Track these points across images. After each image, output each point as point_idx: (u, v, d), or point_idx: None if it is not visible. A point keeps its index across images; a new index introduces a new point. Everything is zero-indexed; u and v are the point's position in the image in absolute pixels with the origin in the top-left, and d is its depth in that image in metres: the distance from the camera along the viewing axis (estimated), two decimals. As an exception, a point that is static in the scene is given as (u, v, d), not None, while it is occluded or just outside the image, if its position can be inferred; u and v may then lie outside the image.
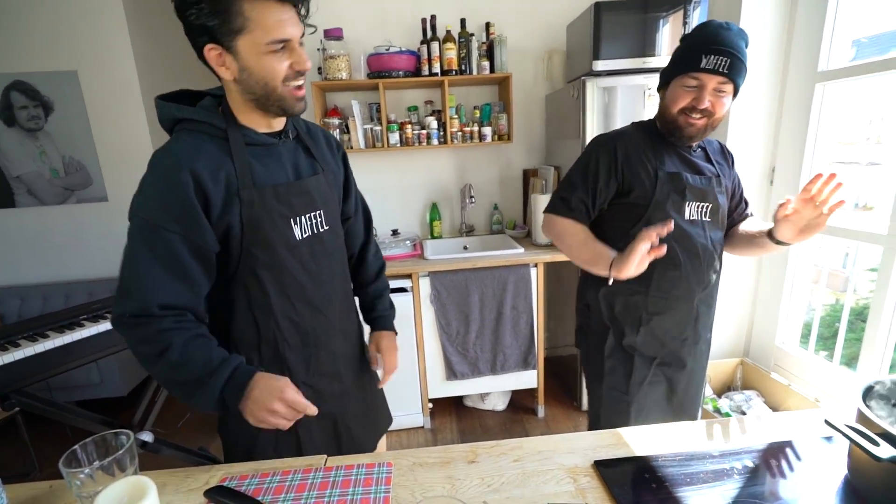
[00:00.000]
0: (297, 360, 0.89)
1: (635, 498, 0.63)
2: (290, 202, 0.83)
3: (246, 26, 0.70)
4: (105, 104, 2.73)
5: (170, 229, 0.72)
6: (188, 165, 0.73)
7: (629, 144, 1.07)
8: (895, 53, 1.49)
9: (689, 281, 1.07)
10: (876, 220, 1.59)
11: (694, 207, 1.06)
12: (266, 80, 0.75)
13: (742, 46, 0.96)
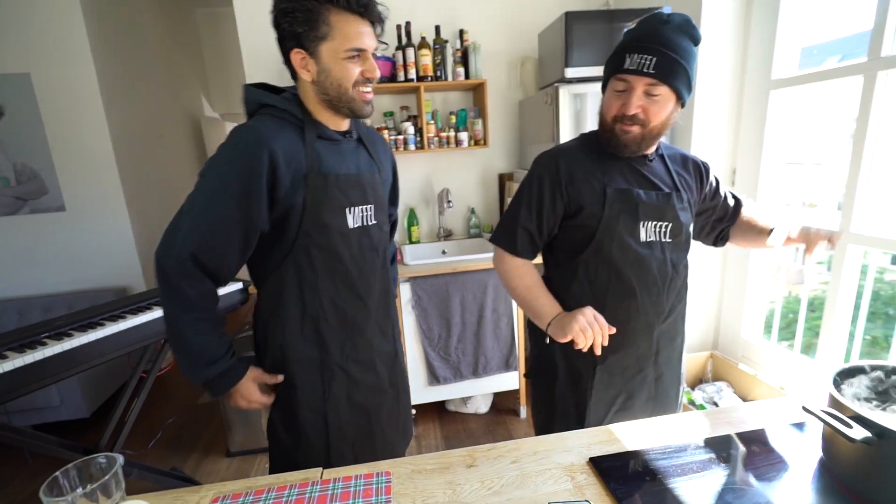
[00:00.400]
0: (333, 340, 0.97)
1: (631, 491, 0.66)
2: (347, 192, 0.93)
3: (329, 34, 0.82)
4: (61, 108, 2.59)
5: (230, 194, 0.83)
6: (268, 145, 0.83)
7: (573, 160, 0.96)
8: (833, 63, 1.62)
9: (647, 313, 0.97)
10: (820, 217, 1.71)
11: (651, 227, 0.95)
12: (340, 82, 0.86)
13: (678, 42, 0.83)
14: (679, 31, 0.84)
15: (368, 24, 0.85)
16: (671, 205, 0.95)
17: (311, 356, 0.97)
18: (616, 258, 0.94)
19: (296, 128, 0.89)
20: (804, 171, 2.06)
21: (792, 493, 0.64)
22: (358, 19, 0.83)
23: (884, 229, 1.46)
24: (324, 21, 0.81)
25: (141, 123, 3.12)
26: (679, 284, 1.01)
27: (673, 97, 0.87)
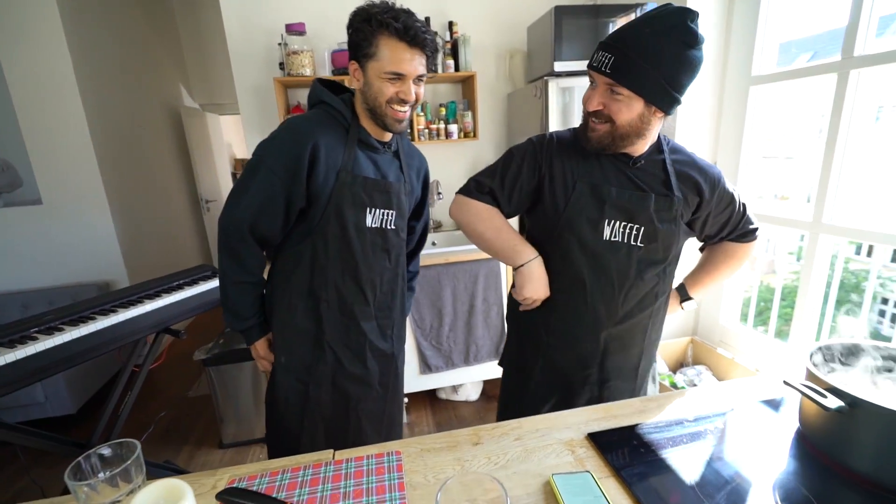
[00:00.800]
0: (329, 321, 1.08)
1: (627, 462, 0.71)
2: (372, 194, 1.03)
3: (375, 55, 0.92)
4: (35, 97, 2.50)
5: (279, 176, 0.95)
6: (314, 136, 0.96)
7: (561, 148, 0.96)
8: (807, 59, 1.70)
9: (597, 311, 0.95)
10: (792, 209, 1.80)
11: (617, 227, 0.91)
12: (377, 97, 0.96)
13: (649, 43, 0.78)
14: (658, 33, 0.78)
15: (416, 51, 0.93)
16: (645, 207, 0.90)
17: (307, 328, 1.08)
18: (572, 250, 0.94)
19: (342, 128, 1.01)
20: (777, 164, 2.16)
21: (773, 461, 0.70)
22: (404, 46, 0.91)
23: (853, 220, 1.56)
24: (374, 42, 0.91)
25: (119, 113, 3.03)
26: (642, 292, 0.95)
27: (640, 100, 0.82)
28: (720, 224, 1.01)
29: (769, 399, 0.86)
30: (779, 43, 1.84)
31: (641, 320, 0.99)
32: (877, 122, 1.59)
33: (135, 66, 3.33)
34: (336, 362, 1.11)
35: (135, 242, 2.98)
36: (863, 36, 1.44)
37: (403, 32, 0.90)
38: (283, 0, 2.22)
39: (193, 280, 1.80)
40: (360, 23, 0.92)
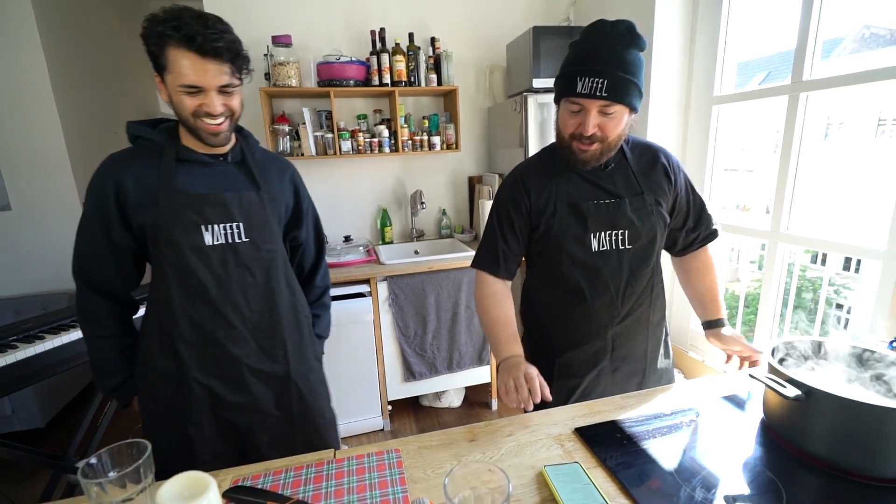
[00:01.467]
0: (190, 355, 0.99)
1: (612, 453, 0.77)
2: (203, 210, 0.95)
3: (167, 67, 0.85)
4: (7, 104, 2.43)
5: (94, 217, 0.94)
6: (117, 170, 0.93)
7: (532, 179, 1.02)
8: (754, 86, 1.85)
9: (599, 316, 1.02)
10: (753, 220, 1.94)
11: (604, 237, 0.98)
12: (180, 111, 0.90)
13: (626, 58, 0.85)
14: (626, 44, 0.85)
15: (210, 60, 0.84)
16: (622, 211, 0.97)
17: (167, 368, 0.99)
18: (566, 267, 1.00)
19: (156, 154, 0.95)
20: (738, 177, 2.32)
21: (741, 448, 0.77)
22: (195, 56, 0.83)
23: (807, 230, 1.69)
24: (164, 54, 0.84)
25: (94, 118, 2.96)
26: (639, 289, 1.03)
27: (626, 111, 0.89)
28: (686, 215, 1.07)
29: (736, 394, 0.94)
30: (739, 63, 1.99)
31: (642, 313, 1.06)
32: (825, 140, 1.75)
33: (110, 72, 3.26)
34: (210, 396, 1.00)
35: (108, 251, 2.90)
36: (810, 60, 1.58)
37: (190, 41, 0.81)
38: (268, 12, 2.25)
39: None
40: (149, 33, 0.84)
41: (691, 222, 1.09)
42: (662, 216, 1.02)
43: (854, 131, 3.01)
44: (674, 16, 2.03)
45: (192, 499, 0.48)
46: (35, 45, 2.43)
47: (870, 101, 2.65)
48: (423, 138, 2.39)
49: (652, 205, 1.00)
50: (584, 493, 0.66)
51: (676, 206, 1.05)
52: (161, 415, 1.01)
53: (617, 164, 1.00)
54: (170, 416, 1.00)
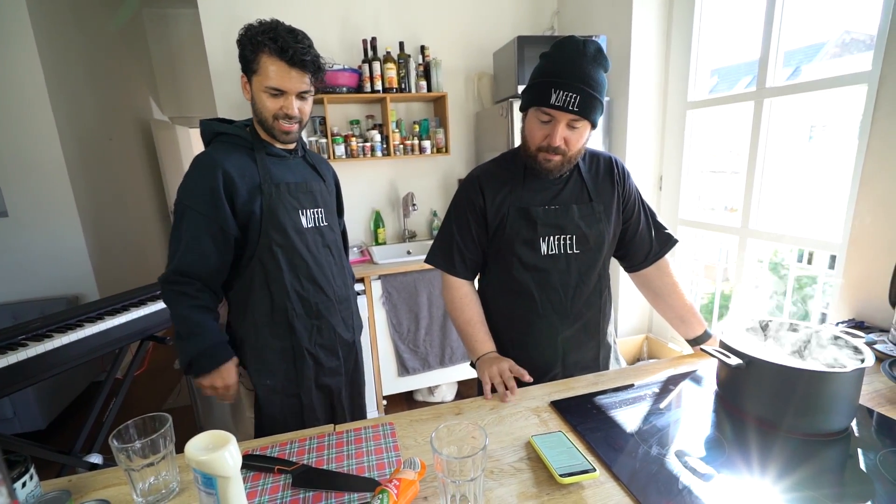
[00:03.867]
0: (302, 328, 1.12)
1: (583, 420, 0.86)
2: (299, 197, 1.10)
3: (258, 70, 1.01)
4: (4, 110, 2.49)
5: (200, 211, 0.99)
6: (222, 165, 1.01)
7: (488, 182, 1.05)
8: (741, 89, 1.97)
9: (550, 318, 1.05)
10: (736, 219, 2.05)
11: (553, 241, 1.02)
12: (262, 111, 1.04)
13: (596, 77, 0.89)
14: (595, 64, 0.89)
15: (296, 70, 0.99)
16: (570, 217, 1.01)
17: (283, 344, 1.11)
18: (516, 270, 1.04)
19: (246, 149, 1.06)
20: (725, 179, 2.44)
21: (697, 412, 0.87)
22: (284, 65, 0.98)
23: (774, 226, 1.81)
24: (256, 59, 0.99)
25: (90, 125, 3.02)
26: (587, 293, 1.06)
27: (589, 126, 0.94)
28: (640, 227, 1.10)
29: (695, 371, 1.04)
30: (726, 67, 2.11)
31: (592, 317, 1.09)
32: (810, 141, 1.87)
33: (105, 79, 3.33)
34: (315, 364, 1.15)
35: (105, 255, 2.96)
36: (772, 68, 1.71)
37: (282, 52, 0.97)
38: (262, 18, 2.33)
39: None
40: (246, 41, 1.00)
41: (644, 228, 1.11)
42: (611, 223, 1.06)
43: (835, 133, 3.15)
44: (650, 26, 2.16)
45: (215, 450, 0.57)
46: (32, 54, 2.49)
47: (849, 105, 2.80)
48: (413, 143, 2.49)
49: (600, 212, 1.04)
50: (569, 455, 0.75)
51: (626, 210, 1.09)
52: (279, 390, 1.12)
53: (569, 173, 1.04)
54: (285, 388, 1.12)
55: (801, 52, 1.92)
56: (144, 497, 0.70)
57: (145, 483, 0.70)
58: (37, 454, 1.46)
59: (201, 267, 1.02)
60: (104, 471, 0.79)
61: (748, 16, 1.84)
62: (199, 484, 0.57)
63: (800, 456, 0.73)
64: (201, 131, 1.09)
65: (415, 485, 0.67)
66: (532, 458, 0.76)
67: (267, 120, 1.04)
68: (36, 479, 0.70)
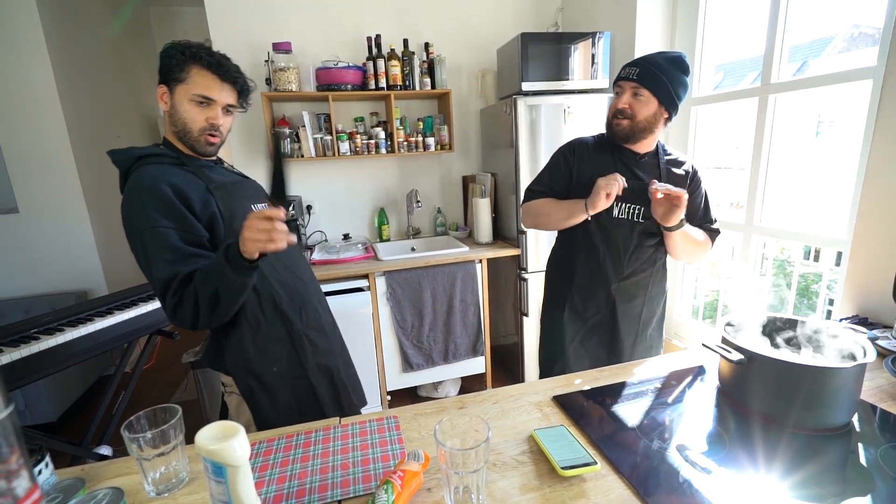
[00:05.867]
0: (291, 311, 1.11)
1: (584, 415, 0.87)
2: (248, 193, 1.11)
3: (185, 79, 0.98)
4: (14, 105, 2.52)
5: (166, 226, 0.93)
6: (164, 180, 0.96)
7: (582, 149, 1.30)
8: (746, 84, 1.96)
9: (607, 269, 1.27)
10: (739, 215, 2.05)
11: (624, 208, 1.23)
12: (185, 122, 1.00)
13: (661, 63, 1.12)
14: (667, 60, 1.14)
15: (227, 84, 1.01)
16: (643, 192, 1.17)
17: (278, 331, 1.09)
18: (590, 225, 1.26)
19: (177, 165, 1.02)
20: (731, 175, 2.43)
21: (698, 407, 0.88)
22: (215, 77, 1.00)
23: (779, 223, 1.81)
24: (185, 69, 0.98)
25: (98, 122, 3.05)
26: (644, 256, 1.26)
27: (655, 101, 1.15)
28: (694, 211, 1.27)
29: (698, 366, 1.05)
30: (726, 64, 2.10)
31: (643, 279, 1.29)
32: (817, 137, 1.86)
33: (112, 76, 3.36)
34: (311, 344, 1.15)
35: (113, 251, 2.99)
36: (777, 64, 1.70)
37: (217, 66, 0.99)
38: (269, 20, 2.35)
39: (184, 284, 1.88)
40: (175, 52, 0.98)
41: (692, 215, 1.28)
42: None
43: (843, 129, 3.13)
44: (654, 21, 2.15)
45: (224, 440, 0.58)
46: (41, 53, 2.52)
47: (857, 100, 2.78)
48: (417, 139, 2.49)
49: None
50: (570, 449, 0.76)
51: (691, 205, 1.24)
52: (285, 374, 1.11)
53: (650, 161, 1.25)
54: (291, 371, 1.12)
55: (808, 46, 1.91)
56: (155, 486, 0.72)
57: (156, 472, 0.72)
58: (49, 445, 1.48)
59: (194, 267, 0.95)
60: (116, 460, 0.81)
61: (754, 10, 1.83)
62: (208, 473, 0.59)
63: (801, 451, 0.74)
64: (116, 161, 1.02)
65: (419, 476, 0.69)
66: (534, 451, 0.77)
67: (191, 132, 1.01)
68: (51, 467, 0.72)
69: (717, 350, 0.84)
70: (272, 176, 0.93)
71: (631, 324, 1.31)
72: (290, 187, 0.95)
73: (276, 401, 1.12)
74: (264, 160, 2.47)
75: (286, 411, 1.12)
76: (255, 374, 1.09)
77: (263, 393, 1.10)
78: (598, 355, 1.34)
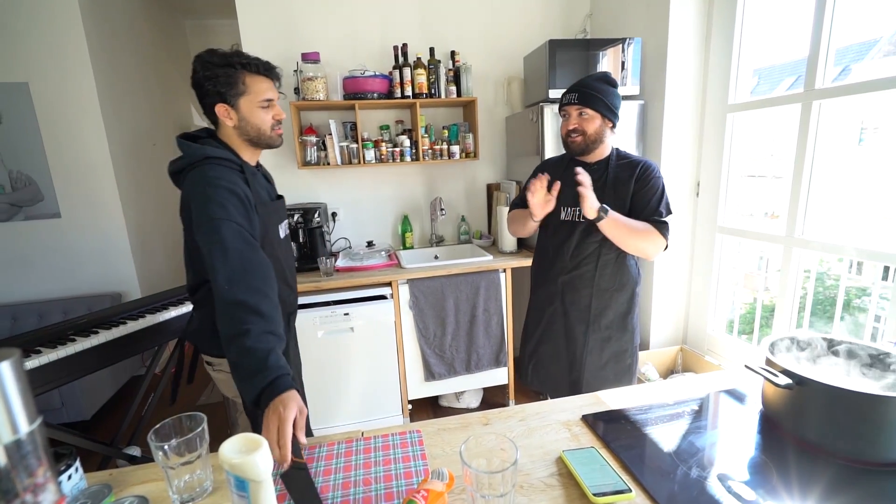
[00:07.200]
0: (286, 327, 1.19)
1: (616, 436, 0.83)
2: (277, 213, 1.22)
3: (245, 91, 1.08)
4: (59, 117, 2.65)
5: (239, 223, 0.98)
6: (237, 185, 1.04)
7: (547, 166, 1.54)
8: (783, 90, 1.88)
9: (555, 265, 1.46)
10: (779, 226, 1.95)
11: (569, 211, 1.41)
12: (259, 126, 1.12)
13: (595, 84, 1.33)
14: (598, 80, 1.35)
15: (274, 80, 1.13)
16: None
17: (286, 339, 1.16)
18: (543, 228, 1.51)
19: (235, 170, 1.08)
20: (766, 183, 2.32)
21: (739, 432, 0.82)
22: (266, 78, 1.11)
23: (823, 235, 1.71)
24: (241, 81, 1.07)
25: (136, 132, 3.18)
26: (587, 251, 1.40)
27: (598, 116, 1.33)
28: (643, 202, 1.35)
29: (737, 388, 0.99)
30: (767, 67, 2.01)
31: (587, 272, 1.43)
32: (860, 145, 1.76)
33: (150, 87, 3.50)
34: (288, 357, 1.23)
35: (146, 255, 3.09)
36: (822, 68, 1.62)
37: (263, 68, 1.10)
38: (298, 30, 2.40)
39: (212, 289, 1.92)
40: (219, 68, 1.05)
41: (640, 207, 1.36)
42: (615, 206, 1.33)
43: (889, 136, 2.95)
44: (688, 26, 2.09)
45: (248, 453, 0.58)
46: (85, 65, 2.65)
47: None
48: (442, 147, 2.49)
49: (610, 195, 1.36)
50: (602, 473, 0.72)
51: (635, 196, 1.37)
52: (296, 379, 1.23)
53: (599, 168, 1.41)
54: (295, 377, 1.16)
55: (852, 49, 1.81)
56: (180, 494, 0.72)
57: (181, 481, 0.72)
58: (81, 444, 1.53)
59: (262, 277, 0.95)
60: (143, 466, 0.82)
61: (796, 12, 1.75)
62: (231, 486, 0.58)
63: (854, 485, 0.68)
64: (186, 153, 1.05)
65: (443, 497, 0.66)
66: (563, 475, 0.74)
67: (265, 133, 1.13)
68: (80, 471, 0.73)
69: (761, 373, 0.79)
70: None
71: (580, 313, 1.45)
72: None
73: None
74: (293, 167, 2.51)
75: None
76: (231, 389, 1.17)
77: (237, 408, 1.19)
78: (557, 343, 1.51)
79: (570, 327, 1.47)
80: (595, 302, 1.43)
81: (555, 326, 1.50)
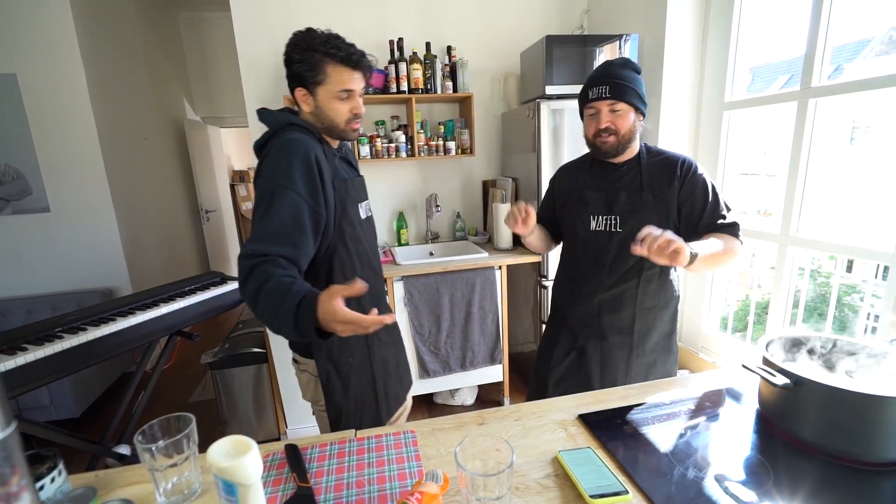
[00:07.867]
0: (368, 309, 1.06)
1: (612, 436, 0.82)
2: (357, 191, 1.16)
3: (325, 80, 1.04)
4: (48, 110, 2.60)
5: (300, 194, 0.96)
6: (314, 151, 1.01)
7: (567, 173, 1.36)
8: (776, 89, 1.87)
9: (590, 282, 1.26)
10: (772, 224, 1.96)
11: (601, 219, 1.23)
12: (333, 118, 1.07)
13: (622, 73, 1.13)
14: (622, 66, 1.16)
15: (358, 72, 1.06)
16: (618, 201, 1.21)
17: None
18: (569, 240, 1.34)
19: (318, 141, 1.08)
20: (758, 181, 2.33)
21: (736, 432, 0.82)
22: (350, 69, 1.05)
23: (818, 233, 1.71)
24: (322, 70, 1.03)
25: (127, 125, 3.13)
26: (625, 267, 1.21)
27: (631, 109, 1.15)
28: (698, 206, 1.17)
29: (734, 387, 0.99)
30: (761, 66, 2.01)
31: (628, 289, 1.23)
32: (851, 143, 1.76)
33: (142, 80, 3.44)
34: (378, 341, 1.21)
35: (138, 250, 3.05)
36: (818, 66, 1.61)
37: (348, 59, 1.03)
38: (293, 23, 2.35)
39: (204, 286, 1.89)
40: (304, 52, 1.01)
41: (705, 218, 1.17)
42: (658, 211, 1.19)
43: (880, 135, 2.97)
44: (685, 23, 2.08)
45: (237, 457, 0.56)
46: (75, 58, 2.60)
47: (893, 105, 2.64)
48: (438, 143, 2.47)
49: (649, 200, 1.19)
50: (598, 474, 0.71)
51: (681, 197, 1.19)
52: (357, 366, 1.16)
53: (630, 168, 1.24)
54: (361, 363, 1.17)
55: (846, 49, 1.81)
56: (167, 497, 0.70)
57: (168, 483, 0.70)
58: (70, 443, 1.50)
59: (297, 253, 0.95)
60: (129, 468, 0.80)
61: (792, 10, 1.74)
62: (219, 490, 0.57)
63: (853, 485, 0.67)
64: (269, 121, 1.07)
65: (437, 499, 0.65)
66: (559, 475, 0.73)
67: (339, 125, 1.08)
68: (64, 474, 0.71)
69: (758, 373, 0.78)
70: None
71: (622, 336, 1.26)
72: None
73: (347, 388, 1.17)
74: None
75: (354, 398, 1.19)
76: (334, 362, 1.15)
77: (338, 380, 1.15)
78: (590, 370, 1.29)
79: (608, 352, 1.27)
80: (639, 323, 1.24)
81: (588, 351, 1.29)
